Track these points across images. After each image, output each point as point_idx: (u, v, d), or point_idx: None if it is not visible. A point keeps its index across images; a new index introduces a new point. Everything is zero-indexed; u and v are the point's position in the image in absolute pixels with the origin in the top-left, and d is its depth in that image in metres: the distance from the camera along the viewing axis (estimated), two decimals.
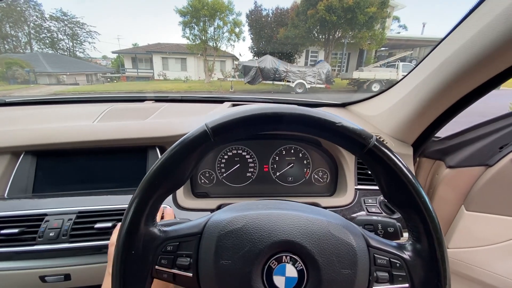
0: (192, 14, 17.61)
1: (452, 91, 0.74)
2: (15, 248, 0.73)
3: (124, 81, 22.56)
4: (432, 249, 0.41)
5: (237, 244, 0.41)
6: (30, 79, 18.60)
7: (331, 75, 14.58)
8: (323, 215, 0.45)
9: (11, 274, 0.74)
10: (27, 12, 25.77)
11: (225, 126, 0.42)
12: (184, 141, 0.42)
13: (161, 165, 0.42)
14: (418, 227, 0.42)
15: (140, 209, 0.42)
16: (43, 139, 0.90)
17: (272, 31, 20.10)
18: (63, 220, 0.77)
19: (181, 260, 0.43)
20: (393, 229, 0.67)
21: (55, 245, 0.74)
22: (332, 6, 15.72)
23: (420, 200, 0.41)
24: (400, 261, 0.43)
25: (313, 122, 0.42)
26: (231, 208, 0.48)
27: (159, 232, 0.45)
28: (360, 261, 0.41)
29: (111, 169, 0.94)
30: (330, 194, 1.00)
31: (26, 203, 0.82)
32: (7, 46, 26.12)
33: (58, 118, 1.08)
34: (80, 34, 29.31)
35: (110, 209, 0.80)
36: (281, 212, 0.44)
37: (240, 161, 1.00)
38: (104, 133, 0.92)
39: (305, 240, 0.41)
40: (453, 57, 0.68)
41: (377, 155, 0.41)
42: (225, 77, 17.90)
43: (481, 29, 0.59)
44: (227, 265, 0.40)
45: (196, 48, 19.17)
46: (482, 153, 0.95)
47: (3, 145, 0.89)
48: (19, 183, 0.88)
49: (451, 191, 0.99)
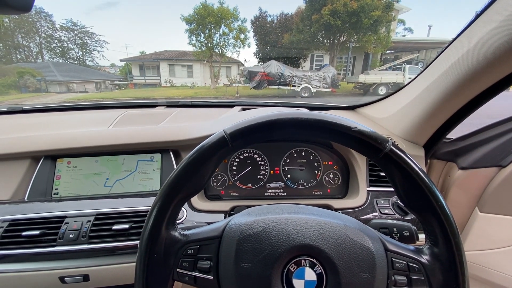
0: (198, 21, 17.89)
1: (463, 92, 0.74)
2: (36, 250, 0.76)
3: (132, 88, 22.96)
4: (450, 253, 0.41)
5: (257, 248, 0.42)
6: (41, 88, 19.12)
7: (337, 79, 14.54)
8: (340, 219, 0.45)
9: (31, 275, 0.76)
10: (38, 23, 26.68)
11: (243, 132, 0.43)
12: (204, 147, 0.43)
13: (182, 170, 0.44)
14: (435, 231, 0.42)
15: (161, 213, 0.44)
16: (62, 144, 0.93)
17: (277, 36, 20.23)
18: (82, 222, 0.79)
19: (202, 263, 0.44)
20: (409, 232, 0.67)
21: (74, 246, 0.76)
22: (336, 11, 15.76)
23: (438, 204, 0.41)
24: (418, 265, 0.43)
25: (329, 127, 0.42)
26: (249, 212, 0.49)
27: (180, 235, 0.47)
28: (378, 265, 0.41)
29: (126, 172, 0.97)
30: (342, 196, 1.00)
31: (46, 206, 0.85)
32: (19, 56, 26.97)
33: (74, 124, 1.12)
34: (89, 43, 30.22)
35: (127, 211, 0.82)
36: (299, 216, 0.45)
37: (251, 164, 1.01)
38: (120, 138, 0.95)
39: (323, 244, 0.41)
40: (464, 58, 0.68)
41: (393, 160, 0.42)
42: (230, 83, 18.08)
43: (492, 30, 0.60)
44: (247, 269, 0.41)
45: (202, 54, 19.44)
46: (494, 154, 0.94)
47: (24, 150, 0.92)
48: (39, 186, 0.91)
49: (464, 193, 0.98)
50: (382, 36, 16.94)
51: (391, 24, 17.77)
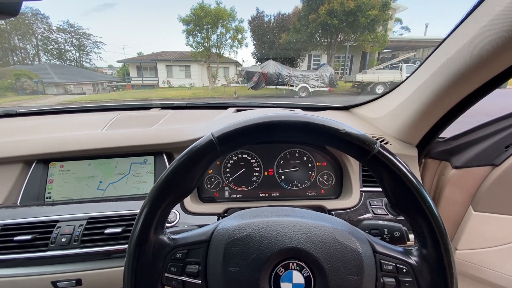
0: (195, 22, 17.87)
1: (455, 91, 0.75)
2: (28, 254, 0.75)
3: (130, 89, 22.89)
4: (438, 254, 0.41)
5: (245, 252, 0.42)
6: (38, 90, 19.02)
7: (334, 78, 14.57)
8: (328, 222, 0.45)
9: (24, 280, 0.75)
10: (35, 25, 26.56)
11: (231, 135, 0.43)
12: (191, 151, 0.43)
13: (170, 174, 0.43)
14: (424, 232, 0.42)
15: (149, 217, 0.43)
16: (54, 148, 0.92)
17: (274, 36, 20.25)
18: (74, 226, 0.78)
19: (190, 268, 0.44)
20: (399, 233, 0.67)
21: (66, 251, 0.75)
22: (333, 10, 15.79)
23: (426, 205, 0.41)
24: (407, 266, 0.43)
25: (317, 130, 0.42)
26: (237, 215, 0.49)
27: (168, 240, 0.46)
28: (366, 267, 0.41)
29: (119, 175, 0.96)
30: (335, 196, 1.00)
31: (38, 210, 0.84)
32: (16, 58, 26.88)
33: (67, 127, 1.11)
34: (86, 44, 30.10)
35: (120, 214, 0.82)
36: (287, 219, 0.45)
37: (245, 166, 1.01)
38: (112, 141, 0.95)
39: (311, 247, 0.41)
40: (455, 57, 0.68)
41: (381, 161, 0.42)
42: (228, 83, 18.04)
43: (481, 29, 0.60)
44: (235, 273, 0.41)
45: (199, 55, 19.40)
46: (488, 153, 0.94)
47: (16, 154, 0.92)
48: (31, 191, 0.90)
49: (458, 192, 0.99)
50: (379, 35, 17.00)
51: (388, 23, 17.84)
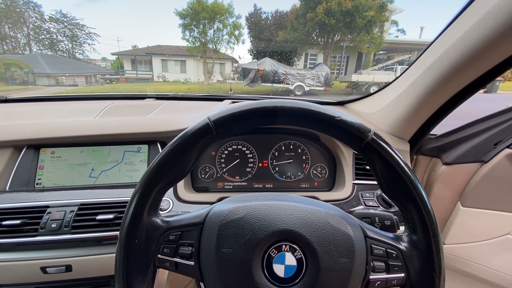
0: (192, 16, 17.68)
1: (446, 87, 0.76)
2: (17, 239, 0.74)
3: (124, 83, 22.56)
4: (427, 240, 0.42)
5: (238, 233, 0.42)
6: (28, 80, 18.58)
7: (330, 78, 14.66)
8: (322, 207, 0.46)
9: (12, 265, 0.74)
10: (26, 13, 25.87)
11: (227, 119, 0.43)
12: (187, 134, 0.43)
13: (164, 157, 0.43)
14: (414, 219, 0.43)
15: (143, 199, 0.43)
16: (45, 133, 0.91)
17: (272, 34, 20.23)
18: (65, 212, 0.77)
19: (183, 249, 0.44)
20: (390, 222, 0.68)
21: (57, 236, 0.74)
22: (331, 10, 15.84)
23: (416, 192, 0.42)
24: (396, 251, 0.44)
25: (313, 116, 0.43)
26: (232, 199, 0.49)
27: (162, 222, 0.46)
28: (357, 251, 0.42)
29: (112, 163, 0.95)
30: (328, 189, 1.01)
31: (28, 196, 0.83)
32: (5, 47, 26.15)
33: (59, 114, 1.09)
34: (79, 35, 29.52)
35: (112, 201, 0.81)
36: (281, 203, 0.45)
37: (240, 157, 1.01)
38: (105, 128, 0.93)
39: (304, 230, 0.42)
40: (447, 54, 0.70)
41: (375, 149, 0.43)
42: (224, 79, 17.98)
43: (472, 26, 0.61)
44: (228, 254, 0.41)
45: (195, 50, 19.22)
46: (477, 150, 0.96)
47: (5, 138, 0.90)
48: (21, 176, 0.89)
49: (447, 188, 1.01)
50: (375, 36, 17.14)
51: (385, 24, 17.98)
